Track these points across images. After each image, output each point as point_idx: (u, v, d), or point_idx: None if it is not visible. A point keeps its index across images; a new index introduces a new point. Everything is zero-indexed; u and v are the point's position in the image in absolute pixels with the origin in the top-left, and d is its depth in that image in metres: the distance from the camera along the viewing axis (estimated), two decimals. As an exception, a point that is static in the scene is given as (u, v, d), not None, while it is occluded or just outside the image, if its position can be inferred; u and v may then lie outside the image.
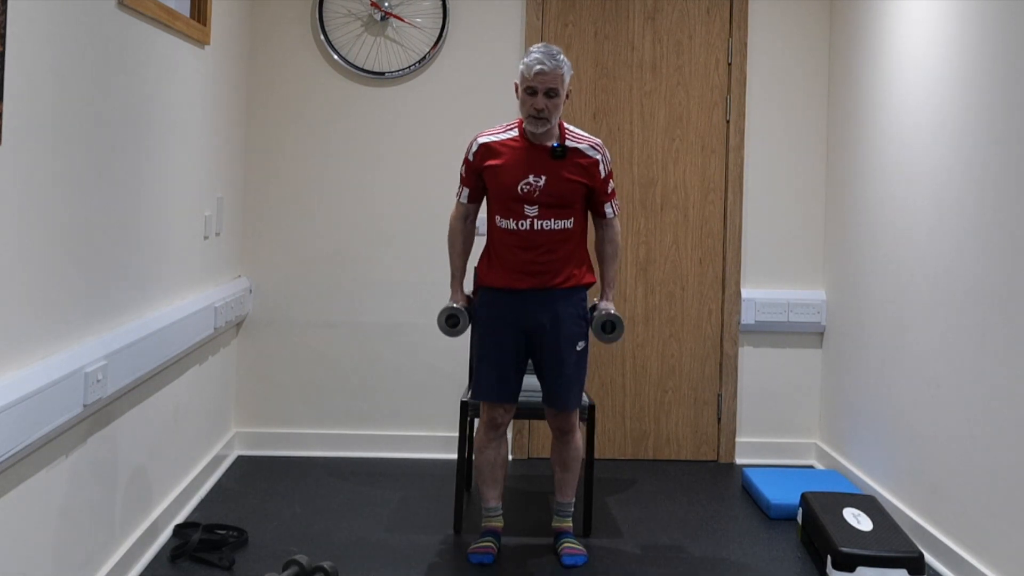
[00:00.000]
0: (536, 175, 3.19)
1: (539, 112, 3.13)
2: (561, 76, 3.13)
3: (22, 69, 2.23)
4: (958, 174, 3.25)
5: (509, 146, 3.24)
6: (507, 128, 3.30)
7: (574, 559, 3.26)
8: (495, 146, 3.25)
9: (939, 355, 3.34)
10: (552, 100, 3.13)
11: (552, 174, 3.19)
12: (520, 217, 3.19)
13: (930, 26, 3.49)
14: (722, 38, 4.45)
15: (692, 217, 4.46)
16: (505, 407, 3.30)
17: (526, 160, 3.20)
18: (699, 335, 4.48)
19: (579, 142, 3.24)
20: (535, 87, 3.13)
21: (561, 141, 3.22)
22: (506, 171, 3.21)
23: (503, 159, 3.22)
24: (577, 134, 3.27)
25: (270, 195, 4.40)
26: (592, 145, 3.25)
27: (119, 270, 2.87)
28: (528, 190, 3.18)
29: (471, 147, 3.30)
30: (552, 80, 3.12)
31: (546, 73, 3.11)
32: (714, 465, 4.46)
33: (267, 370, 4.42)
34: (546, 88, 3.12)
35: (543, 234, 3.20)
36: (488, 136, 3.29)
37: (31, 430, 2.25)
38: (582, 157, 3.22)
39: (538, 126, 3.16)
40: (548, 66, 3.11)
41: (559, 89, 3.13)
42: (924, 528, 3.39)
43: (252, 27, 4.37)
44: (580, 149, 3.23)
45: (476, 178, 3.30)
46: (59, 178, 2.45)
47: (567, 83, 3.17)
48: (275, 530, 3.48)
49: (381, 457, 4.41)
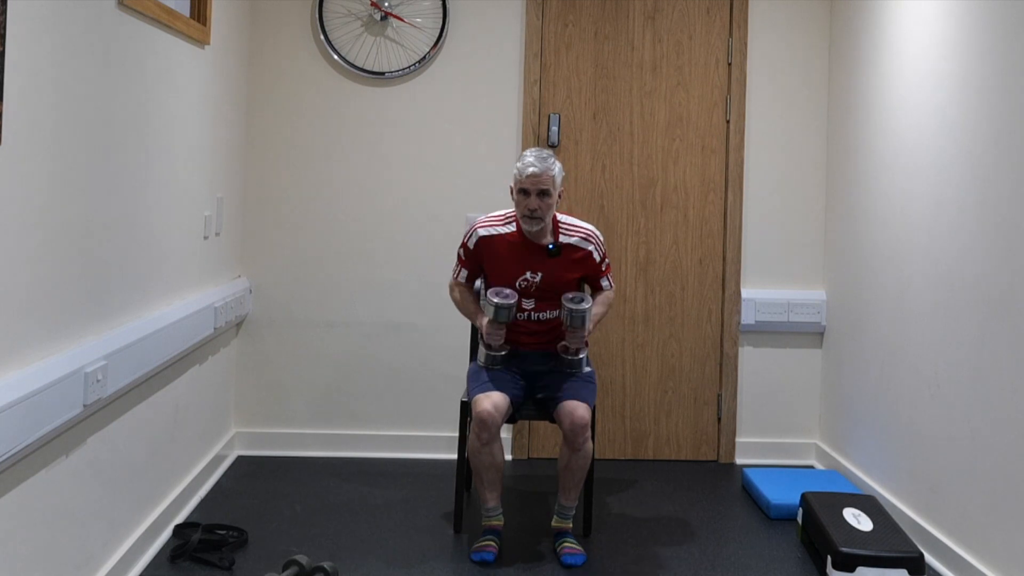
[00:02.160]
0: (533, 272, 3.39)
1: (532, 212, 3.30)
2: (552, 178, 3.31)
3: (22, 69, 2.23)
4: (958, 174, 3.25)
5: (507, 241, 3.42)
6: (506, 220, 3.46)
7: (574, 559, 3.26)
8: (493, 240, 3.44)
9: (939, 355, 3.34)
10: (544, 200, 3.30)
11: (548, 271, 3.39)
12: (518, 309, 3.40)
13: (930, 26, 3.49)
14: (722, 38, 4.45)
15: (692, 217, 4.46)
16: (494, 400, 3.27)
17: (523, 257, 3.40)
18: (699, 335, 4.48)
19: (571, 235, 3.43)
20: (527, 188, 3.30)
21: (555, 237, 3.41)
22: (504, 267, 3.42)
23: (501, 255, 3.43)
24: (569, 227, 3.46)
25: (270, 195, 4.40)
26: (584, 237, 3.44)
27: (119, 270, 2.87)
28: (526, 285, 3.40)
29: (470, 236, 3.48)
30: (543, 182, 3.29)
31: (538, 175, 3.29)
32: (714, 465, 4.46)
33: (267, 370, 4.42)
34: (538, 189, 3.29)
35: (540, 323, 3.44)
36: (487, 228, 3.46)
37: (31, 430, 2.25)
38: (576, 252, 3.42)
39: (532, 225, 3.34)
40: (539, 168, 3.30)
41: (551, 190, 3.31)
42: (924, 528, 3.39)
43: (252, 27, 4.38)
44: (573, 244, 3.42)
45: (475, 264, 3.51)
46: (59, 178, 2.45)
47: (559, 184, 3.36)
48: (275, 530, 3.48)
49: (381, 457, 4.41)
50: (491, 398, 3.28)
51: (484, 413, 3.25)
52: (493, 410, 3.26)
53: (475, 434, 3.29)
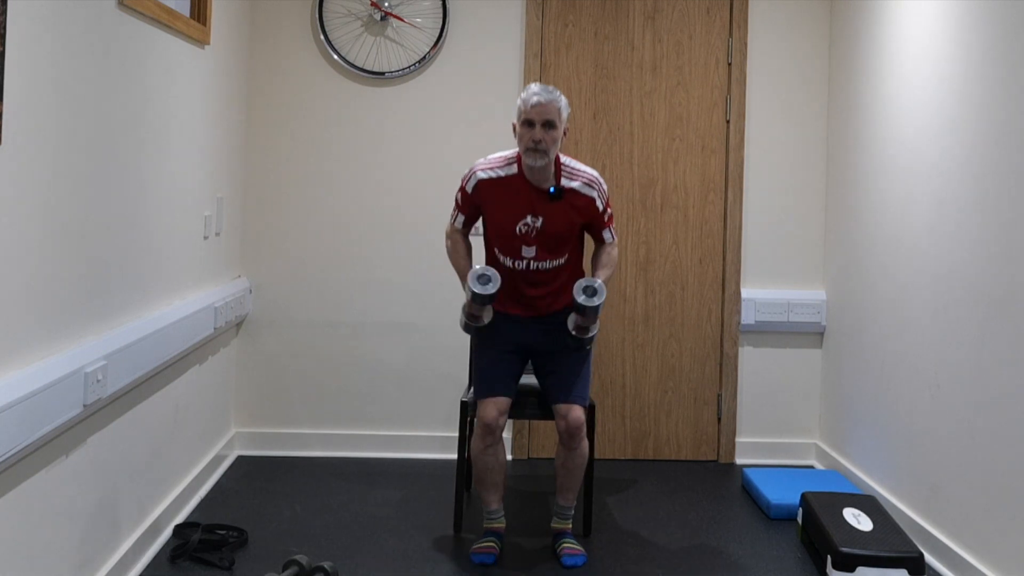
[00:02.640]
0: (534, 216, 3.24)
1: (537, 144, 3.14)
2: (558, 109, 3.15)
3: (22, 69, 2.23)
4: (958, 174, 3.25)
5: (507, 184, 3.26)
6: (506, 163, 3.29)
7: (574, 559, 3.26)
8: (493, 183, 3.28)
9: (939, 355, 3.34)
10: (549, 132, 3.15)
11: (549, 216, 3.24)
12: (517, 256, 3.27)
13: (930, 25, 3.49)
14: (722, 38, 4.45)
15: (692, 217, 4.46)
16: (500, 406, 3.28)
17: (523, 201, 3.24)
18: (699, 335, 4.48)
19: (574, 179, 3.26)
20: (532, 119, 3.15)
21: (557, 180, 3.24)
22: (504, 211, 3.25)
23: (500, 198, 3.26)
24: (573, 170, 3.28)
25: (270, 195, 4.40)
26: (587, 182, 3.27)
27: (119, 270, 2.87)
28: (526, 231, 3.24)
29: (468, 179, 3.32)
30: (549, 112, 3.14)
31: (543, 104, 3.14)
32: (714, 465, 4.46)
33: (267, 370, 4.42)
34: (543, 120, 3.14)
35: (540, 273, 3.29)
36: (486, 171, 3.29)
37: (31, 430, 2.25)
38: (578, 197, 3.26)
39: (536, 159, 3.17)
40: (545, 98, 3.14)
41: (556, 121, 3.15)
42: (924, 528, 3.39)
43: (252, 27, 4.37)
44: (575, 189, 3.25)
45: (473, 209, 3.35)
46: (59, 178, 2.45)
47: (564, 118, 3.19)
48: (275, 530, 3.48)
49: (381, 457, 4.41)
50: (496, 404, 3.27)
51: (490, 419, 3.26)
52: (498, 415, 3.27)
53: (479, 437, 3.29)
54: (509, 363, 3.34)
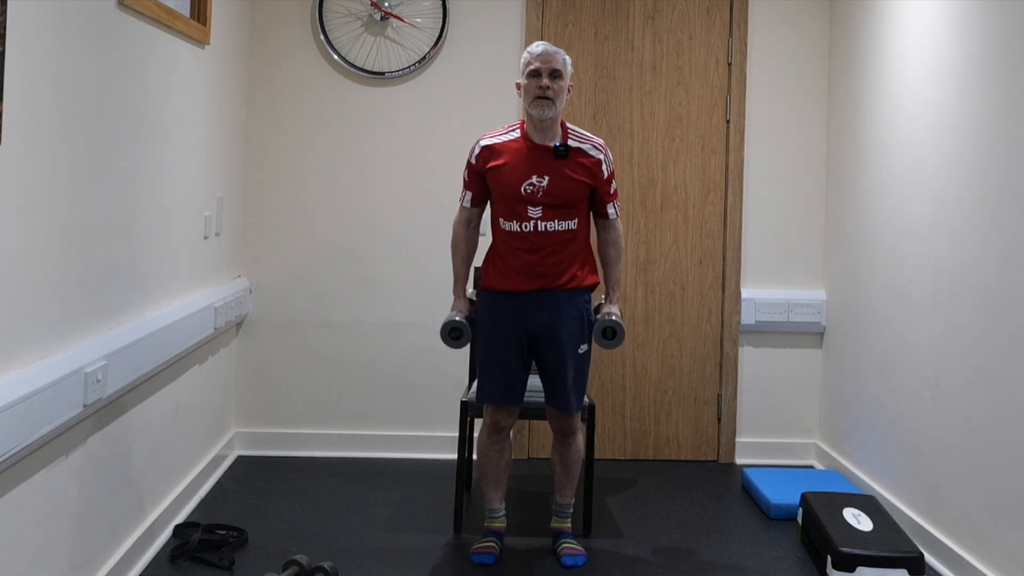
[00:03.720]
0: (539, 175, 3.17)
1: (544, 91, 3.11)
2: (563, 59, 3.18)
3: (22, 69, 2.23)
4: (958, 173, 3.25)
5: (511, 147, 3.22)
6: (509, 129, 3.28)
7: (574, 559, 3.26)
8: (497, 147, 3.24)
9: (939, 355, 3.34)
10: (556, 82, 3.13)
11: (555, 174, 3.17)
12: (524, 219, 3.17)
13: (930, 25, 3.49)
14: (722, 38, 4.45)
15: (692, 217, 4.46)
16: (509, 410, 3.29)
17: (529, 160, 3.18)
18: (699, 335, 4.48)
19: (582, 141, 3.23)
20: (539, 68, 3.14)
21: (564, 140, 3.21)
22: (509, 172, 3.19)
23: (505, 160, 3.20)
24: (580, 133, 3.26)
25: (270, 195, 4.40)
26: (595, 145, 3.24)
27: (119, 270, 2.87)
28: (531, 191, 3.16)
29: (473, 150, 3.28)
30: (555, 61, 3.15)
31: (549, 54, 3.16)
32: (714, 465, 4.46)
33: (267, 370, 4.42)
34: (550, 68, 3.13)
35: (547, 235, 3.18)
36: (490, 138, 3.27)
37: (31, 430, 2.25)
38: (585, 157, 3.21)
39: (544, 108, 3.13)
40: (551, 49, 3.17)
41: (562, 71, 3.15)
42: (924, 528, 3.39)
43: (252, 27, 4.37)
44: (583, 149, 3.21)
45: (479, 181, 3.28)
46: (59, 178, 2.45)
47: (569, 73, 3.20)
48: (275, 530, 3.48)
49: (381, 457, 4.41)
50: (507, 409, 3.28)
51: (501, 419, 3.28)
52: (508, 416, 3.29)
53: (487, 434, 3.30)
54: (515, 365, 3.24)
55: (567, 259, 3.21)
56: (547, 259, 3.19)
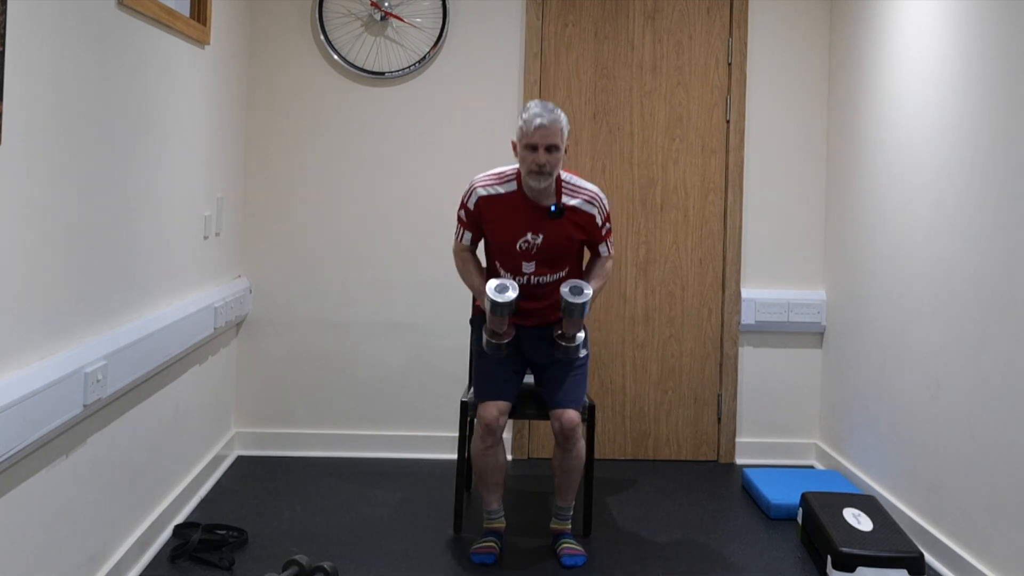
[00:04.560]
0: (534, 233, 3.24)
1: (541, 167, 3.13)
2: (560, 130, 3.14)
3: (22, 69, 2.23)
4: (958, 174, 3.25)
5: (507, 201, 3.25)
6: (504, 180, 3.28)
7: (573, 559, 3.26)
8: (493, 200, 3.27)
9: (939, 355, 3.34)
10: (552, 155, 3.13)
11: (549, 233, 3.24)
12: (518, 272, 3.28)
13: (930, 26, 3.49)
14: (722, 38, 4.45)
15: (692, 217, 4.46)
16: (500, 408, 3.28)
17: (524, 218, 3.23)
18: (699, 335, 4.48)
19: (575, 196, 3.25)
20: (536, 143, 3.13)
21: (558, 197, 3.24)
22: (504, 228, 3.25)
23: (501, 215, 3.25)
24: (574, 187, 3.27)
25: (270, 195, 4.40)
26: (588, 199, 3.27)
27: (119, 270, 2.87)
28: (526, 247, 3.24)
29: (469, 195, 3.30)
30: (552, 135, 3.12)
31: (546, 127, 3.12)
32: (714, 465, 4.46)
33: (267, 370, 4.42)
34: (547, 143, 3.12)
35: (540, 287, 3.30)
36: (486, 188, 3.28)
37: (31, 430, 2.25)
38: (578, 215, 3.26)
39: (540, 181, 3.16)
40: (547, 119, 3.12)
41: (559, 144, 3.13)
42: (924, 528, 3.39)
43: (252, 27, 4.37)
44: (576, 207, 3.25)
45: (476, 226, 3.33)
46: (59, 178, 2.45)
47: (566, 137, 3.18)
48: (275, 530, 3.48)
49: (381, 457, 4.41)
50: (497, 406, 3.28)
51: (490, 419, 3.26)
52: (498, 415, 3.27)
53: (479, 438, 3.29)
54: (510, 367, 3.36)
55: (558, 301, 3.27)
56: (540, 303, 3.31)
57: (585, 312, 3.17)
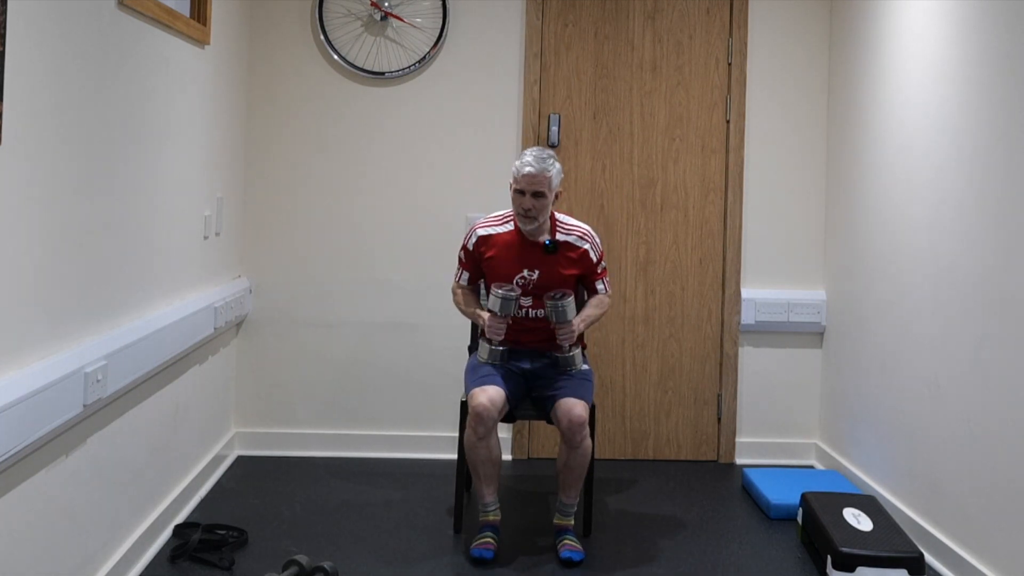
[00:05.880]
0: (530, 270, 3.43)
1: (527, 212, 3.35)
2: (548, 179, 3.34)
3: (22, 69, 2.23)
4: (958, 174, 3.25)
5: (504, 240, 3.47)
6: (503, 220, 3.50)
7: (570, 554, 3.27)
8: (492, 239, 3.48)
9: (939, 355, 3.34)
10: (539, 201, 3.34)
11: (545, 268, 3.43)
12: (518, 306, 3.42)
13: (930, 26, 3.49)
14: (722, 38, 4.45)
15: (692, 217, 4.46)
16: (490, 395, 3.26)
17: (520, 255, 3.43)
18: (699, 335, 4.48)
19: (569, 233, 3.47)
20: (523, 189, 3.34)
21: (552, 235, 3.44)
22: (502, 265, 3.45)
23: (499, 253, 3.45)
24: (567, 226, 3.49)
25: (270, 195, 4.40)
26: (581, 236, 3.48)
27: (119, 270, 2.87)
28: (523, 283, 3.44)
29: (470, 237, 3.52)
30: (539, 183, 3.32)
31: (534, 176, 3.33)
32: (714, 465, 4.46)
33: (267, 370, 4.42)
34: (533, 190, 3.33)
35: (536, 320, 3.46)
36: (485, 228, 3.51)
37: (31, 430, 2.25)
38: (572, 250, 3.46)
39: (527, 224, 3.38)
40: (536, 169, 3.34)
41: (546, 192, 3.34)
42: (924, 528, 3.39)
43: (252, 27, 4.37)
44: (570, 242, 3.46)
45: (475, 265, 3.53)
46: (59, 178, 2.45)
47: (556, 185, 3.37)
48: (275, 530, 3.48)
49: (381, 457, 4.41)
50: (487, 392, 3.27)
51: (480, 407, 3.24)
52: (489, 404, 3.25)
53: (471, 428, 3.29)
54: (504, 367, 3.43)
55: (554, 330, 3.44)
56: (537, 336, 3.47)
57: (568, 314, 3.34)
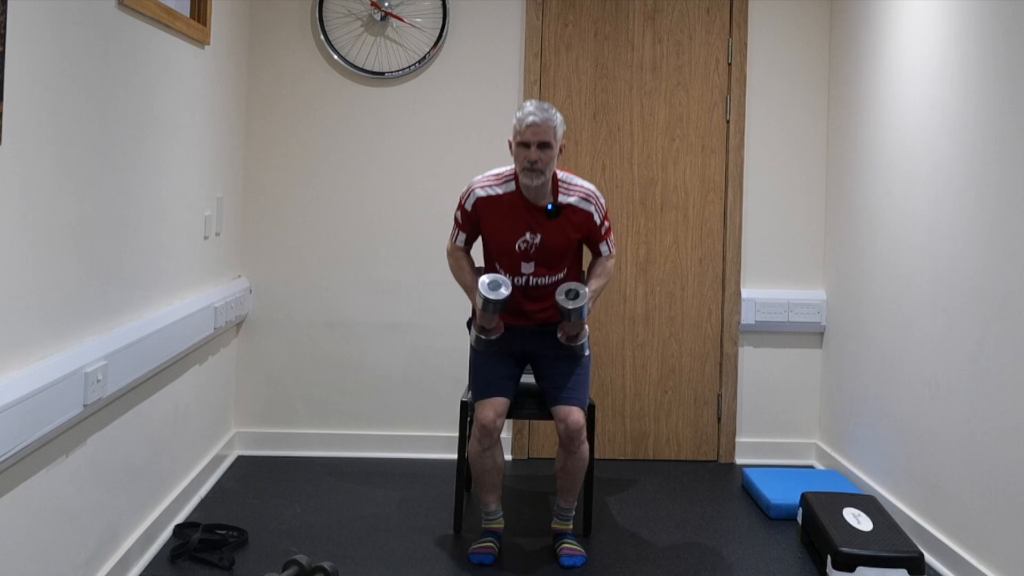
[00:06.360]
0: (532, 233, 3.27)
1: (533, 164, 3.16)
2: (553, 128, 3.17)
3: (22, 69, 2.23)
4: (958, 173, 3.25)
5: (505, 201, 3.28)
6: (503, 180, 3.31)
7: (572, 560, 3.26)
8: (491, 201, 3.29)
9: (939, 355, 3.34)
10: (545, 152, 3.16)
11: (547, 232, 3.27)
12: (517, 273, 3.30)
13: (930, 26, 3.49)
14: (722, 38, 4.45)
15: (692, 217, 4.46)
16: (497, 409, 3.25)
17: (521, 218, 3.26)
18: (699, 335, 4.48)
19: (571, 194, 3.29)
20: (528, 140, 3.16)
21: (554, 196, 3.27)
22: (503, 229, 3.28)
23: (499, 216, 3.28)
24: (570, 185, 3.30)
25: (270, 195, 4.40)
26: (583, 197, 3.29)
27: (119, 270, 2.87)
28: (524, 247, 3.27)
29: (467, 197, 3.33)
30: (544, 133, 3.15)
31: (538, 125, 3.15)
32: (714, 465, 4.46)
33: (267, 370, 4.42)
34: (538, 141, 3.15)
35: (539, 288, 3.32)
36: (484, 189, 3.31)
37: (31, 430, 2.25)
38: (575, 213, 3.28)
39: (532, 178, 3.19)
40: (540, 118, 3.16)
41: (551, 142, 3.17)
42: (924, 528, 3.39)
43: (252, 27, 4.38)
44: (572, 204, 3.28)
45: (473, 226, 3.36)
46: (59, 178, 2.45)
47: (560, 136, 3.21)
48: (275, 530, 3.48)
49: (381, 457, 4.41)
50: (493, 405, 3.26)
51: (487, 421, 3.24)
52: (495, 417, 3.25)
53: (476, 439, 3.28)
54: (507, 365, 3.34)
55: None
56: (539, 305, 3.33)
57: (583, 315, 3.17)
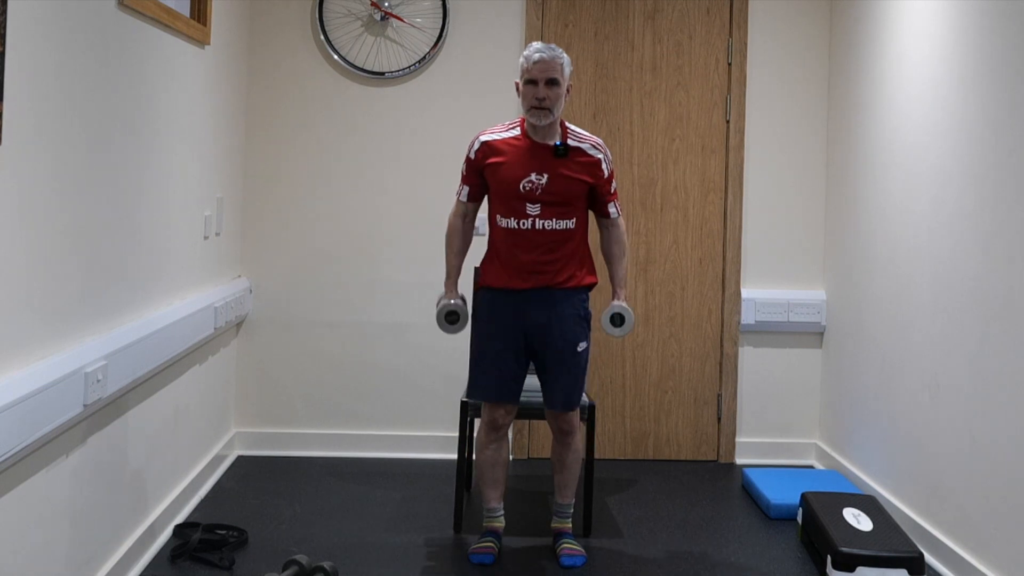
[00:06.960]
0: (538, 173, 3.19)
1: (541, 101, 3.13)
2: (560, 66, 3.15)
3: (22, 69, 2.23)
4: (958, 174, 3.25)
5: (511, 144, 3.24)
6: (509, 127, 3.30)
7: (572, 560, 3.26)
8: (497, 144, 3.26)
9: (939, 355, 3.34)
10: (553, 90, 3.14)
11: (554, 172, 3.19)
12: (522, 216, 3.20)
13: (930, 26, 3.49)
14: (722, 38, 4.45)
15: (692, 217, 4.46)
16: (506, 408, 3.29)
17: (528, 158, 3.20)
18: (699, 335, 4.48)
19: (581, 141, 3.25)
20: (535, 77, 3.14)
21: (563, 140, 3.23)
22: (508, 169, 3.21)
23: (505, 157, 3.22)
24: (579, 134, 3.28)
25: (270, 195, 4.40)
26: (594, 144, 3.26)
27: (119, 270, 2.87)
28: (530, 188, 3.18)
29: (473, 145, 3.30)
30: (552, 69, 3.13)
31: (546, 61, 3.13)
32: (714, 465, 4.46)
33: (267, 370, 4.42)
34: (546, 78, 3.13)
35: (545, 233, 3.20)
36: (490, 135, 3.29)
37: (31, 430, 2.25)
38: (584, 156, 3.23)
39: (540, 117, 3.15)
40: (547, 55, 3.14)
41: (559, 79, 3.14)
42: (924, 528, 3.39)
43: (252, 27, 4.37)
44: (582, 148, 3.24)
45: (477, 176, 3.30)
46: (59, 178, 2.45)
47: (567, 76, 3.18)
48: (275, 530, 3.48)
49: (381, 457, 4.41)
50: (504, 407, 3.28)
51: (498, 416, 3.27)
52: (506, 414, 3.28)
53: (484, 433, 3.29)
54: (511, 363, 3.25)
55: (565, 257, 3.22)
56: (545, 256, 3.21)
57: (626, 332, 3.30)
